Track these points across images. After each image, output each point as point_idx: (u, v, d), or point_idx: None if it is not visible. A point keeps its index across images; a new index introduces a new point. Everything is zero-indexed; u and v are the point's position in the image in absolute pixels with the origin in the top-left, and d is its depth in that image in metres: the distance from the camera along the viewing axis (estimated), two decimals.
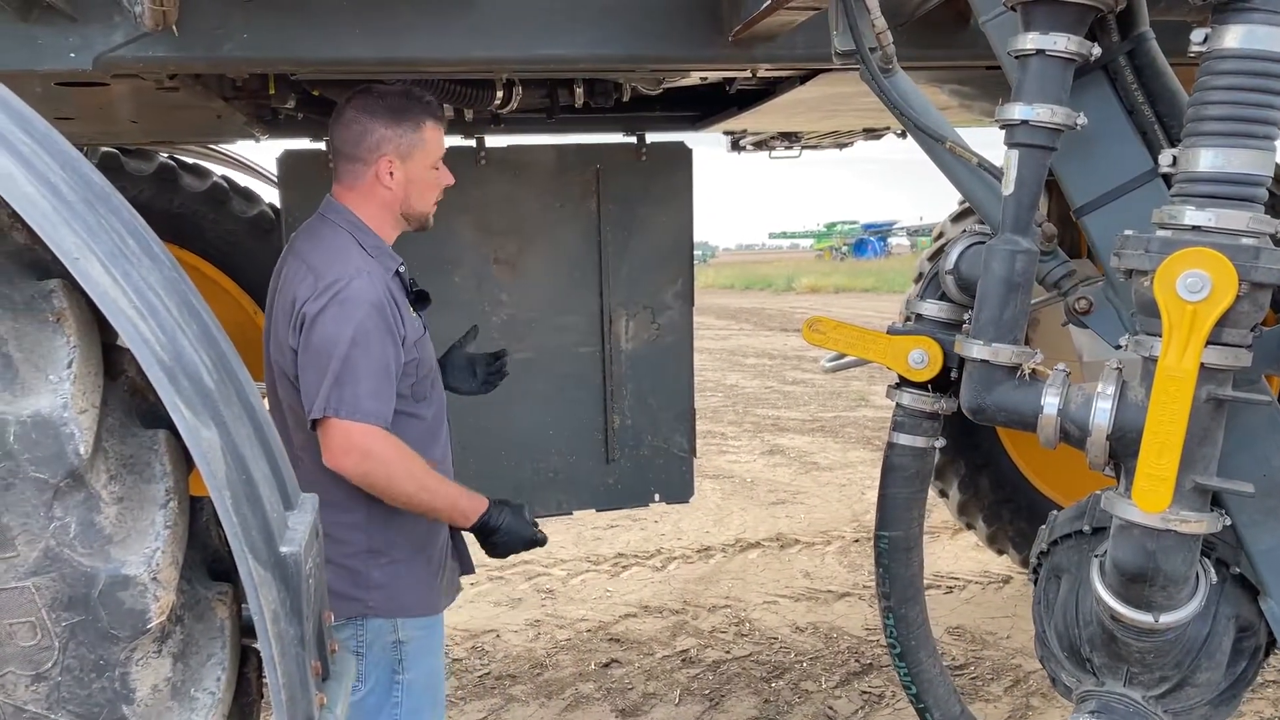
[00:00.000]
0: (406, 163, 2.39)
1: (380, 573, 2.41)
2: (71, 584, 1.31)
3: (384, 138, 2.37)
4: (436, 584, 2.54)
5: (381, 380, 2.25)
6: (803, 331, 2.06)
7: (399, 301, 2.37)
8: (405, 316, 2.38)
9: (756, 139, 4.94)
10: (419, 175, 2.41)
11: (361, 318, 2.25)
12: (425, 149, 2.40)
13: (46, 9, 2.15)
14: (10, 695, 1.33)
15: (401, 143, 2.37)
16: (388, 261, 2.42)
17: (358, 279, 2.28)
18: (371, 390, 2.23)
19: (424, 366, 2.45)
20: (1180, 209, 1.61)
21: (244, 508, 1.45)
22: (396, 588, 2.43)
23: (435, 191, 2.48)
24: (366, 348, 2.24)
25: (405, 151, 2.38)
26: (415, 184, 2.42)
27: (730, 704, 4.28)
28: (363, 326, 2.25)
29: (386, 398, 2.26)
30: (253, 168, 4.65)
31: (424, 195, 2.45)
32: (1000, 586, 5.60)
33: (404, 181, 2.40)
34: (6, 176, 1.28)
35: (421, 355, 2.44)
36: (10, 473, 1.28)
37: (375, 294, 2.28)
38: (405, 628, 2.46)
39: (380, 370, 2.25)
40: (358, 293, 2.26)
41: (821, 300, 27.81)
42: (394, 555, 2.43)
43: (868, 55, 1.95)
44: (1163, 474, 1.56)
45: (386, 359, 2.27)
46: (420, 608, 2.49)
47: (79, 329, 1.37)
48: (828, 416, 10.73)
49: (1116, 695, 1.86)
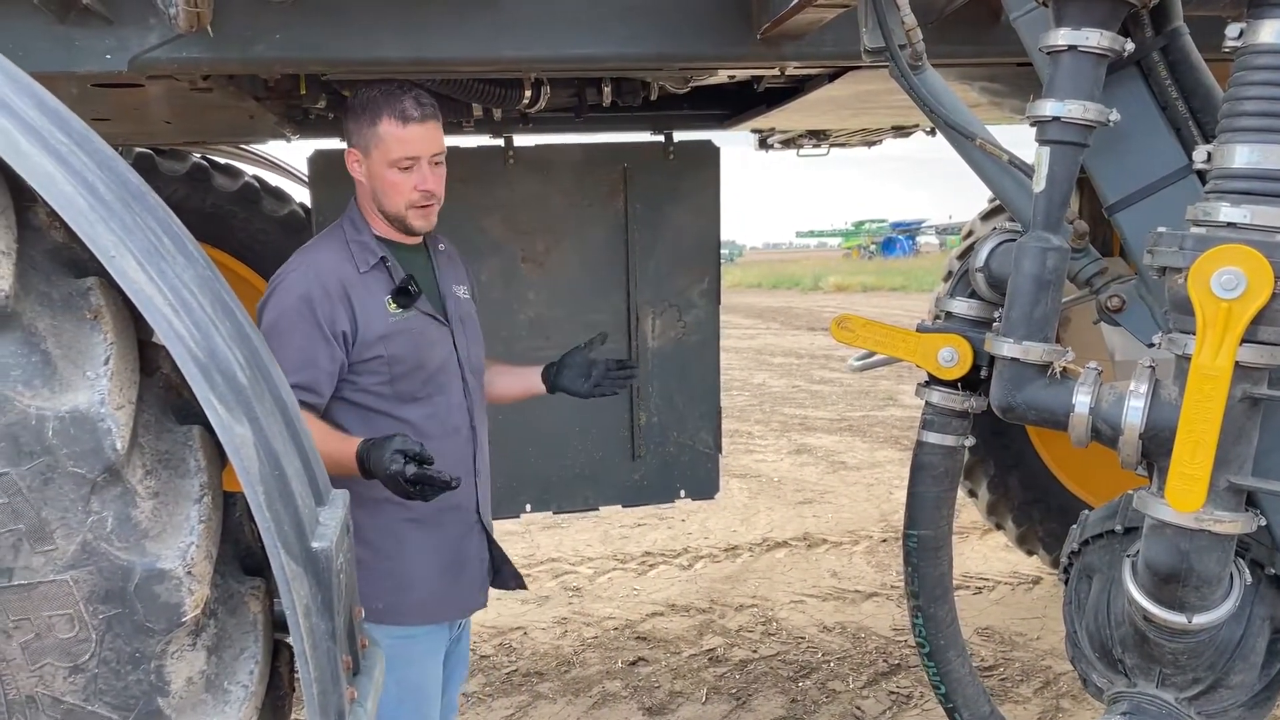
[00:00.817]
0: (367, 158, 2.36)
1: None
2: (108, 577, 1.33)
3: (349, 130, 2.38)
4: (423, 589, 2.44)
5: (299, 366, 2.23)
6: (831, 329, 2.06)
7: (353, 296, 2.31)
8: (362, 310, 2.32)
9: (784, 137, 4.92)
10: (379, 172, 2.35)
11: (285, 308, 2.27)
12: (381, 147, 2.33)
13: (83, 11, 2.18)
14: (49, 686, 1.35)
15: (360, 137, 2.36)
16: (365, 255, 2.38)
17: (296, 272, 2.31)
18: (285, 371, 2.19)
19: (402, 364, 2.37)
20: (1215, 205, 1.59)
21: (276, 503, 1.46)
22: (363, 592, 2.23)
23: (404, 194, 2.36)
24: (281, 337, 2.24)
25: (364, 147, 2.36)
26: (378, 181, 2.36)
27: (757, 703, 4.28)
28: (285, 317, 2.26)
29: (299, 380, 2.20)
30: (283, 167, 4.69)
31: (389, 196, 2.37)
32: (1030, 587, 5.56)
33: (368, 176, 2.38)
34: (45, 176, 1.30)
35: (397, 353, 2.36)
36: (49, 468, 1.29)
37: (306, 286, 2.27)
38: (374, 632, 2.30)
39: (297, 360, 2.23)
40: (289, 285, 2.29)
41: (849, 299, 27.71)
42: (361, 554, 2.28)
43: (898, 53, 1.94)
44: (1196, 473, 1.55)
45: (309, 350, 2.26)
46: (392, 615, 2.39)
47: (116, 326, 1.39)
48: (855, 416, 10.68)
49: (1149, 697, 1.85)
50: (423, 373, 2.41)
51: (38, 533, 1.30)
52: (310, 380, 2.26)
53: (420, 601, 2.43)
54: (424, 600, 2.44)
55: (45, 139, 1.35)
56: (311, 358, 2.26)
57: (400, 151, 2.32)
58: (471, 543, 2.53)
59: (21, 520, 1.30)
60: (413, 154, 2.33)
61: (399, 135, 2.32)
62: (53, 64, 2.23)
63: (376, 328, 2.33)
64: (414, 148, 2.33)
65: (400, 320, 2.37)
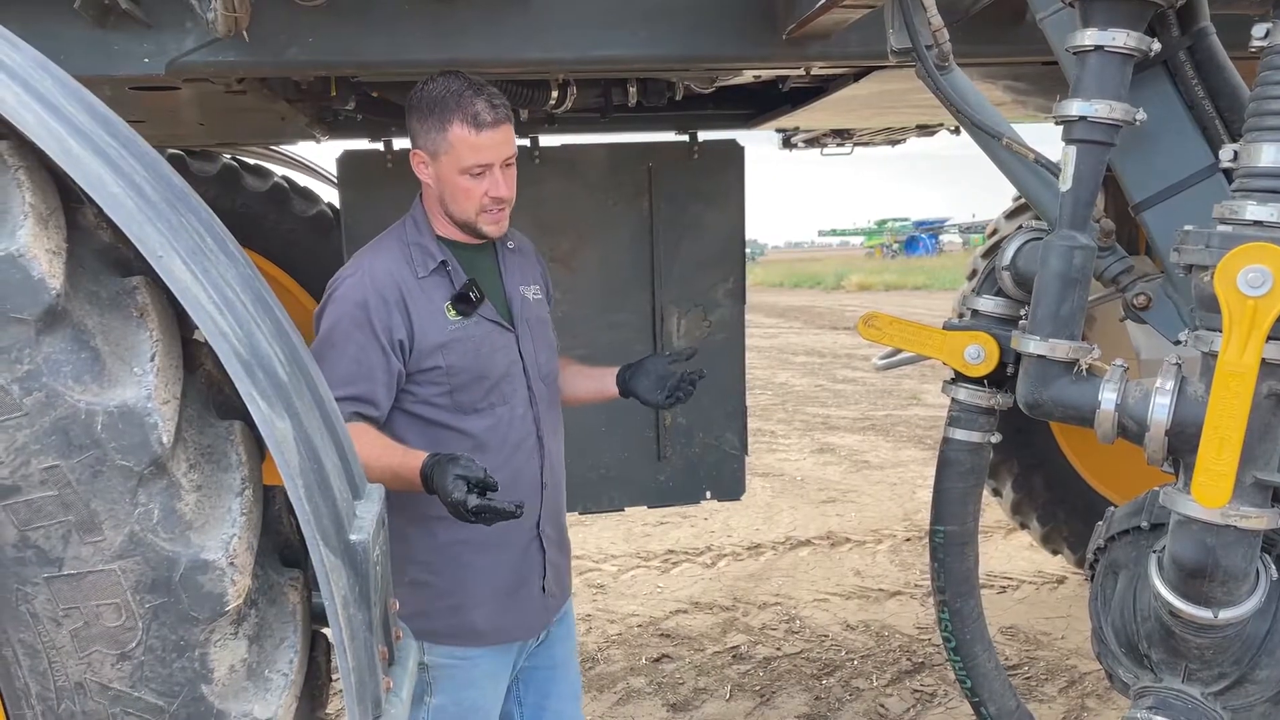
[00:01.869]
0: (435, 161, 2.22)
1: (402, 590, 2.24)
2: (154, 567, 1.37)
3: (413, 129, 2.25)
4: (481, 613, 2.34)
5: (352, 378, 2.15)
6: (858, 327, 2.07)
7: (410, 302, 2.22)
8: (419, 318, 2.22)
9: (808, 136, 4.94)
10: (448, 178, 2.22)
11: (340, 317, 2.18)
12: (452, 153, 2.19)
13: (121, 16, 2.23)
14: (97, 673, 1.38)
15: (427, 139, 2.22)
16: (425, 259, 2.27)
17: (352, 278, 2.22)
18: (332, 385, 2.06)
19: (462, 374, 2.25)
20: (1242, 204, 1.60)
21: (315, 496, 1.49)
22: (417, 609, 2.26)
23: (474, 200, 2.23)
24: (334, 345, 2.17)
25: (432, 150, 2.22)
26: (446, 185, 2.24)
27: (781, 700, 4.30)
28: (339, 326, 2.18)
29: (355, 392, 2.16)
30: (312, 168, 4.74)
31: (459, 202, 2.25)
32: (1055, 587, 5.55)
33: (436, 179, 2.25)
34: (96, 178, 1.34)
35: (456, 362, 2.24)
36: (98, 460, 1.33)
37: (362, 294, 2.18)
38: (432, 652, 2.30)
39: (352, 372, 2.16)
40: (344, 292, 2.21)
41: (872, 298, 27.62)
42: (415, 574, 2.30)
43: (924, 53, 1.96)
44: (1222, 469, 1.56)
45: (365, 361, 2.17)
46: (450, 638, 2.32)
47: (161, 324, 1.42)
48: (879, 415, 10.67)
49: (1174, 691, 1.86)
50: (485, 383, 2.28)
51: (87, 524, 1.34)
52: (366, 392, 2.17)
53: (477, 626, 2.34)
54: (481, 625, 2.35)
55: (95, 142, 1.39)
56: (368, 369, 2.17)
57: (473, 159, 2.19)
58: (531, 559, 2.41)
59: (72, 512, 1.33)
60: (485, 161, 2.19)
61: (472, 142, 2.17)
62: (92, 67, 2.28)
63: (434, 336, 2.22)
64: (487, 155, 2.19)
65: (460, 328, 2.25)
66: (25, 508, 1.32)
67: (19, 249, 1.28)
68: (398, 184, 3.57)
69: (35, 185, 1.35)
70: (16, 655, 1.36)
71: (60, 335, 1.33)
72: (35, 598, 1.34)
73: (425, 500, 2.16)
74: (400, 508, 2.20)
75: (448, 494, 2.00)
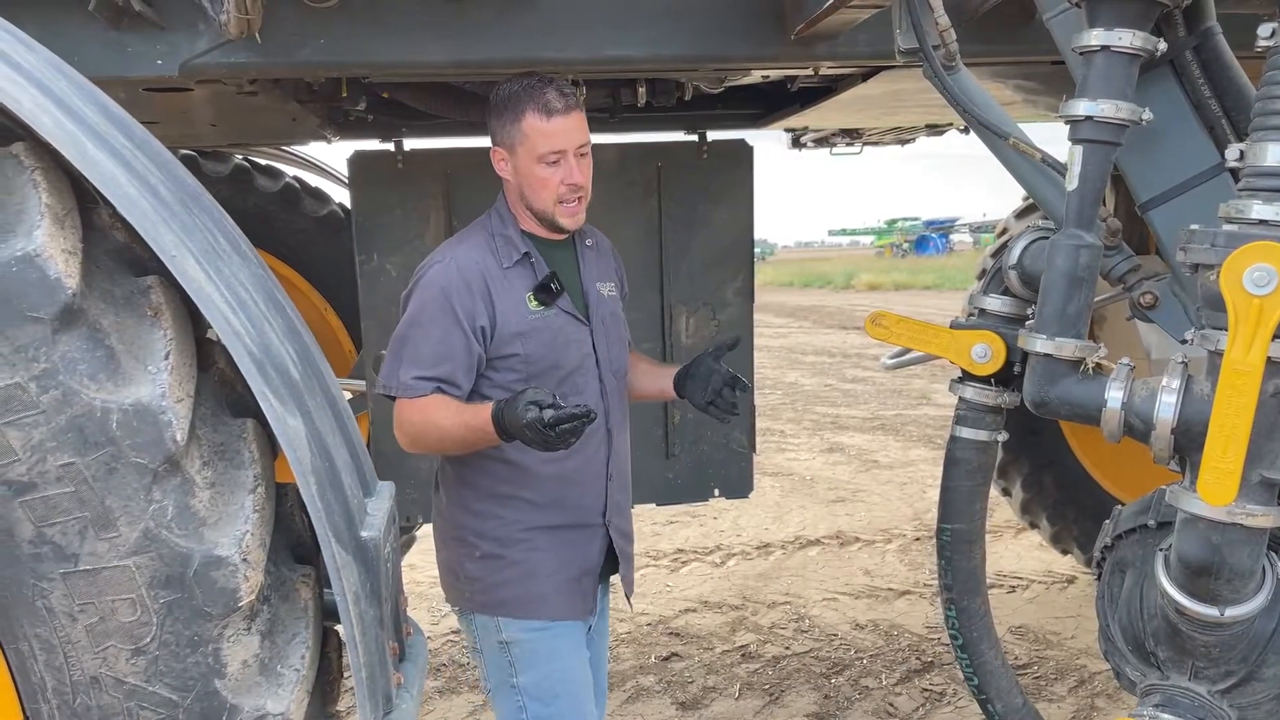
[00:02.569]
0: (513, 155, 2.30)
1: (473, 565, 2.38)
2: (169, 563, 1.39)
3: (493, 129, 2.33)
4: (550, 584, 2.39)
5: (438, 359, 2.24)
6: (866, 326, 2.08)
7: (494, 290, 2.29)
8: (501, 306, 2.29)
9: (817, 136, 4.94)
10: (526, 169, 2.29)
11: (425, 301, 2.27)
12: (526, 143, 2.26)
13: (136, 18, 2.25)
14: (112, 667, 1.40)
15: (504, 135, 2.30)
16: (509, 250, 2.34)
17: (439, 265, 2.29)
18: (416, 365, 2.24)
19: (538, 363, 2.33)
20: (1247, 203, 1.61)
21: (327, 493, 1.51)
22: (491, 581, 2.37)
23: (551, 189, 2.30)
24: (420, 327, 2.26)
25: (509, 144, 2.30)
26: (524, 178, 2.31)
27: (790, 699, 4.30)
28: (425, 310, 2.26)
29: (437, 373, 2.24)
30: (323, 168, 4.77)
31: (536, 192, 2.31)
32: (1064, 586, 5.54)
33: (514, 174, 2.32)
34: (111, 179, 1.36)
35: (533, 351, 2.32)
36: (113, 458, 1.35)
37: (447, 279, 2.26)
38: (509, 628, 2.37)
39: (436, 353, 2.25)
40: (431, 278, 2.28)
41: (882, 297, 27.58)
42: (487, 548, 2.37)
43: (931, 54, 1.97)
44: (1228, 467, 1.56)
45: (448, 344, 2.25)
46: (522, 608, 2.37)
47: (175, 323, 1.45)
48: (888, 414, 10.66)
49: (1181, 689, 1.86)
50: (559, 372, 2.36)
51: (102, 520, 1.36)
52: (448, 373, 2.26)
53: (548, 595, 2.39)
54: (551, 594, 2.39)
55: (110, 144, 1.41)
56: (450, 351, 2.26)
57: (546, 146, 2.26)
58: (594, 548, 2.47)
59: (87, 508, 1.36)
60: (559, 147, 2.26)
61: (544, 129, 2.25)
62: (106, 69, 2.30)
63: (514, 324, 2.30)
64: (559, 141, 2.26)
65: (539, 318, 2.33)
66: (42, 504, 1.34)
67: (36, 249, 1.31)
68: (408, 184, 3.60)
69: (51, 186, 1.37)
70: (33, 650, 1.38)
71: (76, 334, 1.35)
72: (51, 593, 1.36)
73: (499, 479, 2.36)
74: (475, 483, 2.38)
75: (521, 419, 2.07)
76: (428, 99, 3.30)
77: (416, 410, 2.26)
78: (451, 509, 2.44)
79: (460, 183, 3.58)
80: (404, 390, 2.27)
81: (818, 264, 46.59)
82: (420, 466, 3.68)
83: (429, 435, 2.28)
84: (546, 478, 2.37)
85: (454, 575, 2.43)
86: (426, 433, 2.28)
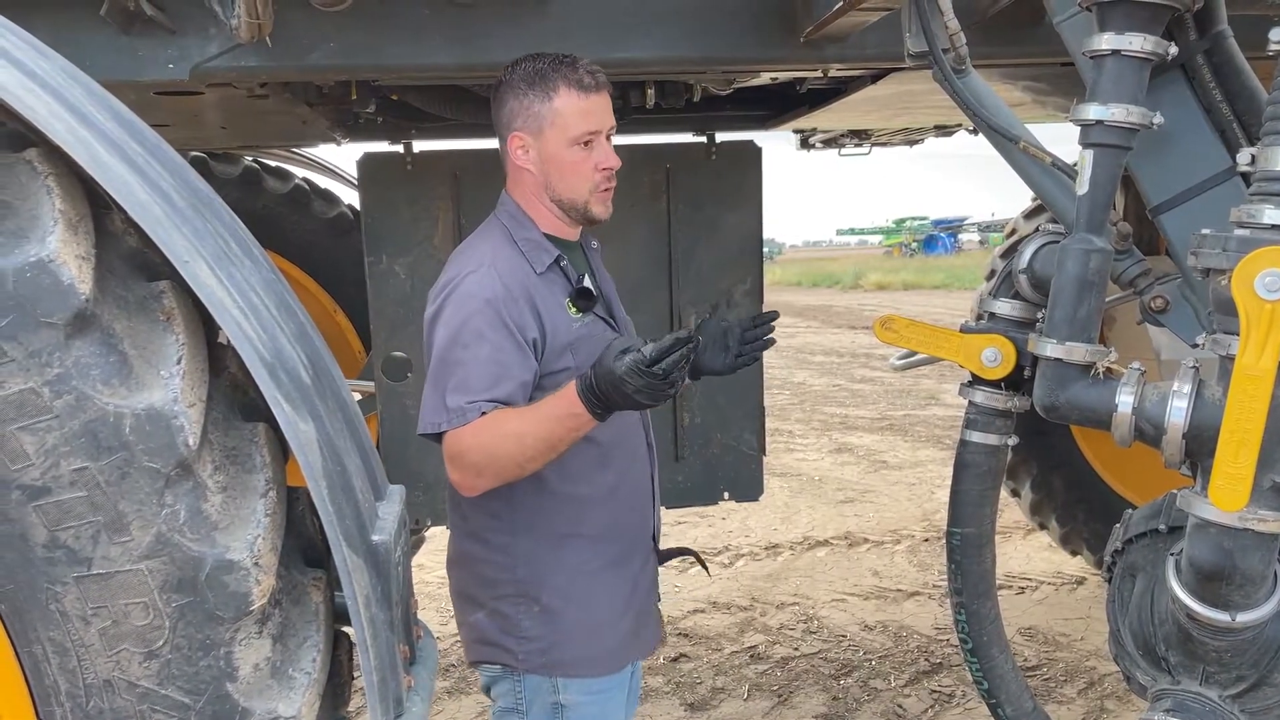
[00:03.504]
0: (539, 139, 2.08)
1: (532, 622, 2.13)
2: (181, 567, 1.39)
3: (513, 110, 2.09)
4: (615, 635, 2.20)
5: (494, 379, 1.98)
6: (875, 329, 2.08)
7: (542, 297, 2.07)
8: (548, 316, 2.07)
9: (826, 137, 4.94)
10: (556, 153, 2.07)
11: (469, 314, 2.00)
12: (560, 122, 2.05)
13: (147, 22, 2.26)
14: (125, 671, 1.41)
15: (530, 115, 2.07)
16: (540, 254, 2.11)
17: (475, 274, 2.03)
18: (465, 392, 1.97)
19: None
20: (1259, 208, 1.60)
21: (339, 497, 1.52)
22: (552, 640, 2.13)
23: (585, 175, 2.09)
24: (465, 347, 1.99)
25: (535, 126, 2.07)
26: (553, 164, 2.08)
27: (799, 700, 4.30)
28: (468, 327, 1.99)
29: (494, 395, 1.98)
30: (333, 170, 4.78)
31: (567, 179, 2.09)
32: (1074, 588, 5.53)
33: (539, 161, 2.09)
34: (124, 185, 1.37)
35: (583, 362, 2.06)
36: (126, 462, 1.36)
37: (490, 289, 2.00)
38: (569, 689, 2.14)
39: (489, 375, 1.98)
40: (469, 289, 2.02)
41: (890, 297, 27.54)
42: (549, 601, 2.13)
43: (940, 56, 1.97)
44: (1240, 473, 1.56)
45: (503, 361, 1.99)
46: (587, 667, 2.15)
47: (187, 327, 1.45)
48: (897, 415, 10.65)
49: (1193, 694, 1.86)
50: None
51: (115, 524, 1.37)
52: (507, 395, 1.98)
53: (612, 649, 2.21)
54: (613, 645, 2.22)
55: (123, 149, 1.41)
56: (505, 369, 1.99)
57: (583, 126, 2.06)
58: (649, 573, 2.32)
59: (100, 512, 1.36)
60: (595, 127, 2.07)
61: (581, 107, 2.05)
62: (118, 73, 2.31)
63: (563, 336, 2.08)
64: (596, 120, 2.08)
65: (583, 326, 2.13)
66: (55, 508, 1.34)
67: (49, 254, 1.31)
68: (417, 186, 3.61)
69: (65, 192, 1.38)
70: (46, 653, 1.38)
71: (89, 339, 1.36)
72: (65, 597, 1.37)
73: (556, 519, 2.13)
74: (530, 528, 2.13)
75: (618, 369, 1.83)
76: (437, 102, 3.30)
77: (472, 434, 1.95)
78: (496, 562, 2.16)
79: (469, 184, 3.58)
80: (453, 417, 1.96)
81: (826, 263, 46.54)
82: (428, 468, 3.69)
83: (503, 451, 1.96)
84: (602, 507, 2.18)
85: (501, 634, 2.16)
86: (499, 450, 1.96)
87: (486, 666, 2.21)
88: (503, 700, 2.21)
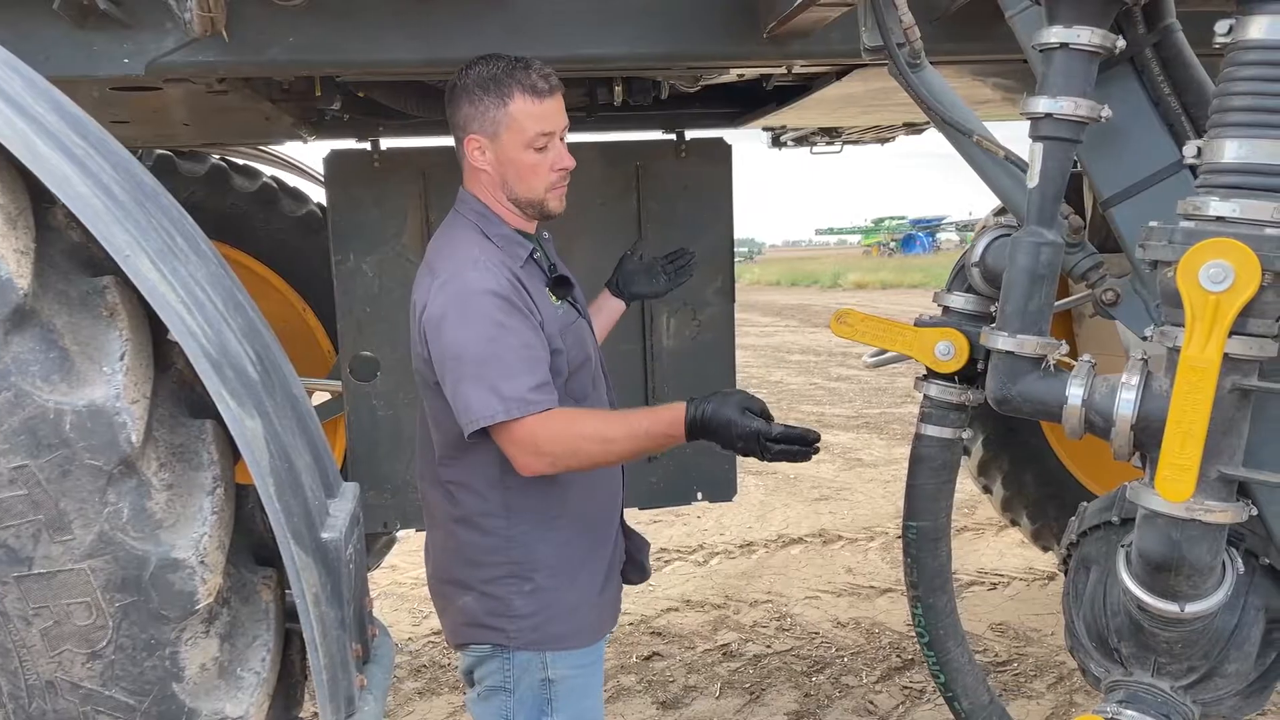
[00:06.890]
0: (495, 142, 2.14)
1: (524, 601, 2.19)
2: (124, 566, 1.38)
3: (468, 115, 2.14)
4: (597, 606, 2.30)
5: (533, 365, 2.05)
6: (830, 324, 2.08)
7: (530, 289, 2.15)
8: (540, 305, 2.16)
9: (797, 134, 4.94)
10: (513, 157, 2.14)
11: (487, 309, 2.05)
12: (515, 126, 2.11)
13: (101, 17, 2.23)
14: (67, 672, 1.40)
15: (485, 119, 2.12)
16: (516, 249, 2.19)
17: (472, 270, 2.09)
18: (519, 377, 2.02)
19: (574, 361, 2.22)
20: (1204, 200, 1.61)
21: (286, 495, 1.51)
22: (544, 617, 2.21)
23: (541, 176, 2.17)
24: (496, 339, 2.04)
25: (491, 130, 2.13)
26: (510, 166, 2.15)
27: (770, 697, 4.31)
28: (489, 317, 2.04)
29: (545, 381, 2.06)
30: (301, 168, 4.75)
31: (525, 180, 2.16)
32: (1045, 583, 5.57)
33: (496, 163, 2.16)
34: (62, 178, 1.35)
35: (569, 348, 2.19)
36: (67, 460, 1.35)
37: (496, 282, 2.07)
38: (557, 664, 2.22)
39: (529, 355, 2.05)
40: (474, 284, 2.07)
41: (868, 296, 27.62)
42: (541, 580, 2.20)
43: (895, 51, 1.97)
44: (1186, 463, 1.57)
45: (533, 346, 2.07)
46: (574, 638, 2.24)
47: (130, 323, 1.44)
48: (873, 413, 10.69)
49: (1145, 685, 1.87)
50: (589, 367, 2.28)
51: (56, 523, 1.36)
52: (545, 377, 2.06)
53: (593, 622, 2.30)
54: (596, 620, 2.31)
55: (62, 142, 1.40)
56: (535, 352, 2.07)
57: (536, 129, 2.12)
58: (620, 549, 2.42)
59: (41, 511, 1.35)
60: (549, 129, 2.14)
61: (535, 112, 2.12)
62: (72, 68, 2.29)
63: (552, 325, 2.16)
64: (550, 123, 2.14)
65: (565, 313, 2.24)
66: None
67: None
68: (384, 184, 3.59)
69: (3, 185, 1.36)
70: None
71: (28, 334, 1.35)
72: (5, 597, 1.36)
73: (546, 501, 2.19)
74: (522, 511, 2.20)
75: (742, 427, 1.98)
76: (404, 98, 3.29)
77: (540, 423, 2.02)
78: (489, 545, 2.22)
79: (437, 182, 3.57)
80: (526, 406, 2.01)
81: (805, 263, 46.62)
82: (396, 470, 3.67)
83: (585, 451, 2.06)
84: (585, 489, 2.26)
85: (491, 614, 2.21)
86: (582, 449, 2.06)
87: (474, 648, 2.26)
88: (490, 679, 2.26)
